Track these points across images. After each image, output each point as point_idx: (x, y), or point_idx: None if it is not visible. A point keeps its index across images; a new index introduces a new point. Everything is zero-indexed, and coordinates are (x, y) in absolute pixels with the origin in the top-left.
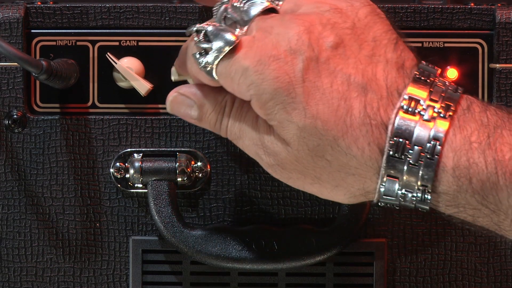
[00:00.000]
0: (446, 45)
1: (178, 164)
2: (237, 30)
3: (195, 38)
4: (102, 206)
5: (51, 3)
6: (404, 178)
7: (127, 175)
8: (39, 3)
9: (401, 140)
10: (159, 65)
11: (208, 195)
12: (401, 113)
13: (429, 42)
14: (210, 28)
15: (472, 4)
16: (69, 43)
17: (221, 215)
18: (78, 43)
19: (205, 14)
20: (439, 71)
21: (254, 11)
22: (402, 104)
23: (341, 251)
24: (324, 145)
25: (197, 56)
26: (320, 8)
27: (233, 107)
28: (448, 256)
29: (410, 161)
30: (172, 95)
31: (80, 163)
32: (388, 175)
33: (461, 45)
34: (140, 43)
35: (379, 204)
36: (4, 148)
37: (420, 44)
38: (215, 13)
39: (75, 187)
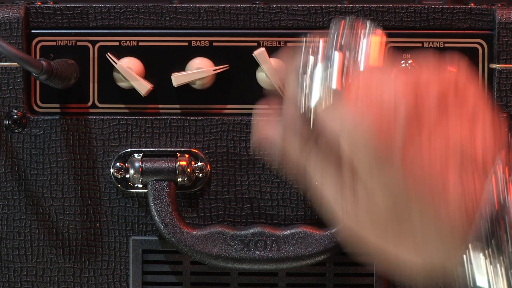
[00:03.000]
0: (446, 45)
1: (178, 164)
2: (344, 78)
3: (299, 69)
4: (102, 206)
5: (51, 3)
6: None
7: (127, 175)
8: (39, 3)
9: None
10: (159, 65)
11: (208, 195)
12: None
13: (429, 42)
14: (317, 70)
15: (472, 4)
16: (69, 43)
17: (221, 215)
18: (78, 43)
19: (205, 15)
20: None
21: (366, 55)
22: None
23: (341, 251)
24: (412, 207)
25: (298, 93)
26: (421, 69)
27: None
28: None
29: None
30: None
31: (80, 163)
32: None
33: (461, 45)
34: (140, 43)
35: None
36: (4, 148)
37: (420, 44)
38: (330, 36)
39: (75, 187)
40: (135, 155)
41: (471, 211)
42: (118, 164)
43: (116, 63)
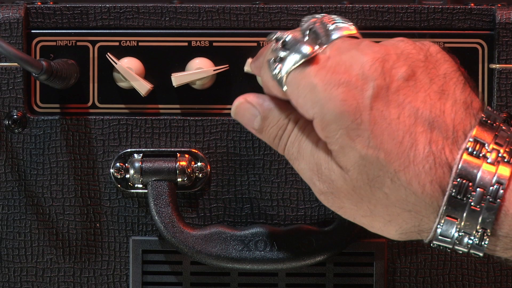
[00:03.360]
0: (446, 45)
1: (178, 164)
2: (317, 46)
3: (273, 45)
4: (102, 206)
5: (51, 3)
6: (464, 219)
7: (127, 175)
8: (39, 3)
9: (464, 182)
10: (159, 65)
11: (208, 195)
12: (465, 155)
13: None
14: (289, 38)
15: (472, 4)
16: (69, 43)
17: (221, 215)
18: (78, 43)
19: (205, 15)
20: (504, 116)
21: (338, 34)
22: (467, 146)
23: (341, 251)
24: (384, 177)
25: (271, 62)
26: (394, 39)
27: (296, 125)
28: (448, 256)
29: (472, 204)
30: (238, 100)
31: (80, 163)
32: (447, 215)
33: (461, 45)
34: (140, 43)
35: (431, 245)
36: (4, 148)
37: None
38: (302, 23)
39: (75, 187)
40: (135, 155)
41: (442, 181)
42: (118, 164)
43: (116, 63)
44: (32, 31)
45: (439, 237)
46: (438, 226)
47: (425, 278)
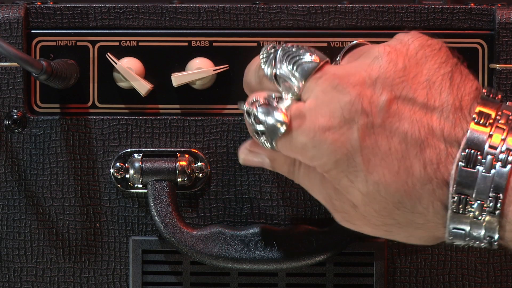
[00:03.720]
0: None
1: (178, 164)
2: (289, 95)
3: (248, 120)
4: (102, 206)
5: (51, 3)
6: (469, 230)
7: (127, 175)
8: (39, 3)
9: (462, 196)
10: (159, 65)
11: (208, 195)
12: (461, 166)
13: None
14: (260, 111)
15: (472, 4)
16: (69, 43)
17: (221, 215)
18: (78, 43)
19: (205, 15)
20: (500, 96)
21: (306, 72)
22: (461, 155)
23: (341, 251)
24: (390, 207)
25: (256, 136)
26: (370, 56)
27: (302, 163)
28: (448, 256)
29: (473, 215)
30: (243, 151)
31: (80, 163)
32: (454, 228)
33: (461, 45)
34: (140, 43)
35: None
36: (4, 148)
37: None
38: (264, 66)
39: (75, 187)
40: (135, 155)
41: (442, 198)
42: (118, 164)
43: (116, 63)
44: (32, 31)
45: (454, 242)
46: (449, 238)
47: (425, 278)
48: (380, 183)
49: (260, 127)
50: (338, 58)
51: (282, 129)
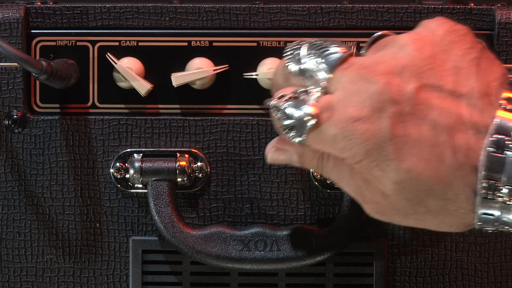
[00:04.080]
0: None
1: (178, 164)
2: (316, 89)
3: (276, 115)
4: (102, 206)
5: (51, 3)
6: (499, 215)
7: (127, 175)
8: (39, 3)
9: (491, 182)
10: (159, 65)
11: (208, 195)
12: (490, 152)
13: None
14: (288, 105)
15: (472, 4)
16: (69, 43)
17: (221, 215)
18: (78, 43)
19: (205, 15)
20: None
21: (332, 63)
22: (490, 140)
23: (341, 251)
24: (421, 195)
25: (284, 132)
26: (396, 44)
27: (331, 155)
28: (448, 256)
29: (502, 200)
30: (270, 150)
31: (80, 163)
32: (483, 214)
33: None
34: (140, 43)
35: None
36: (4, 148)
37: None
38: (289, 60)
39: (75, 187)
40: (135, 155)
41: (472, 184)
42: (118, 164)
43: (116, 63)
44: (32, 31)
45: (484, 228)
46: (478, 224)
47: (425, 278)
48: (411, 171)
49: (288, 122)
50: (363, 51)
51: (312, 122)
